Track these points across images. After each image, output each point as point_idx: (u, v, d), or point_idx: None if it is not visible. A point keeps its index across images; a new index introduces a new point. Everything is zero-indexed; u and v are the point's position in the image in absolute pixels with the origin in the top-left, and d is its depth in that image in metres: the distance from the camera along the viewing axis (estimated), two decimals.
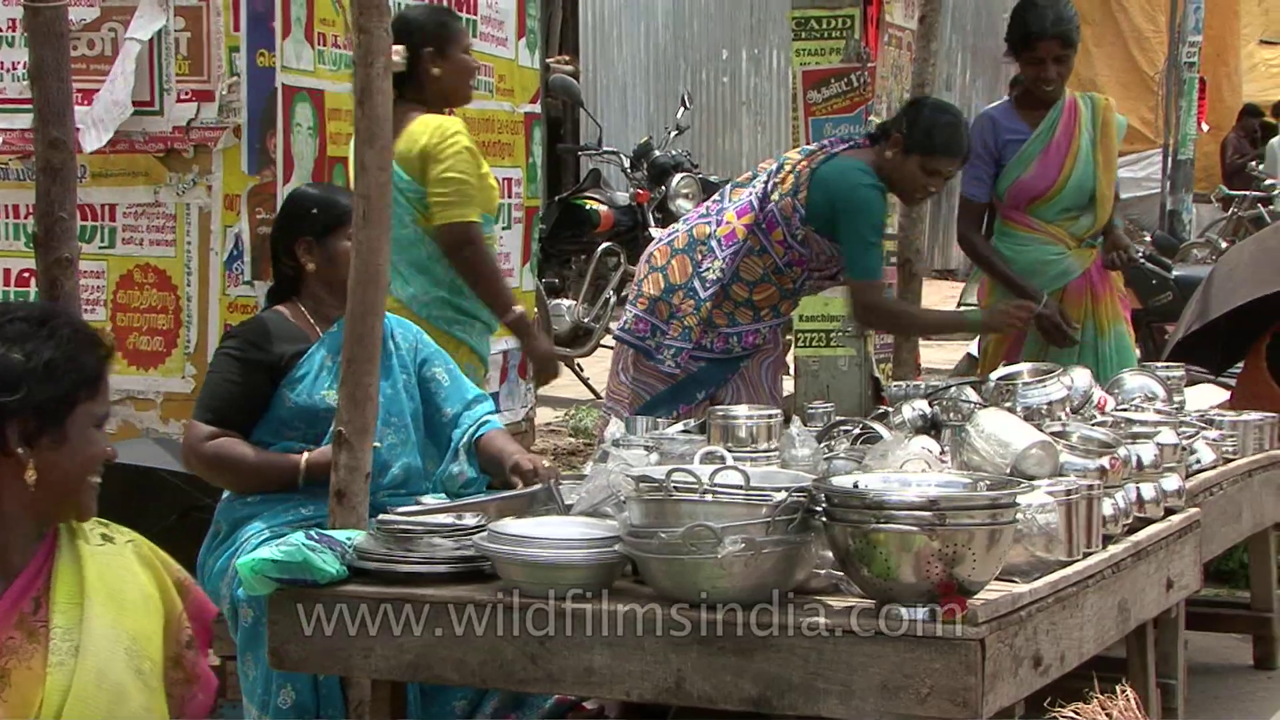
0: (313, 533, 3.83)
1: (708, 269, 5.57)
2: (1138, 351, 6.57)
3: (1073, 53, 6.34)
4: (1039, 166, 6.34)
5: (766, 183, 5.61)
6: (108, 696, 2.78)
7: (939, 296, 15.87)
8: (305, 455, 4.39)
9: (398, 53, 5.51)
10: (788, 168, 5.60)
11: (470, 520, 3.88)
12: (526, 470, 4.44)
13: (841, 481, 3.65)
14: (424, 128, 5.36)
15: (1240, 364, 7.77)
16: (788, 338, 5.97)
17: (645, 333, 5.62)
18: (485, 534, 3.73)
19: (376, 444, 4.37)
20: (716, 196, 5.87)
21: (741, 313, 5.63)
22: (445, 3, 5.78)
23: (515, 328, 5.61)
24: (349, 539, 3.84)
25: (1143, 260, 6.36)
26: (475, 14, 6.63)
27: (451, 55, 5.53)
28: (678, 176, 11.15)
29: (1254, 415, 5.88)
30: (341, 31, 5.56)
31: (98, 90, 5.42)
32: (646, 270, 5.74)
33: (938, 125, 5.58)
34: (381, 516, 3.90)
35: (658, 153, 11.48)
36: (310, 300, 4.66)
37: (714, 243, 5.59)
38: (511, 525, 3.77)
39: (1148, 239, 10.18)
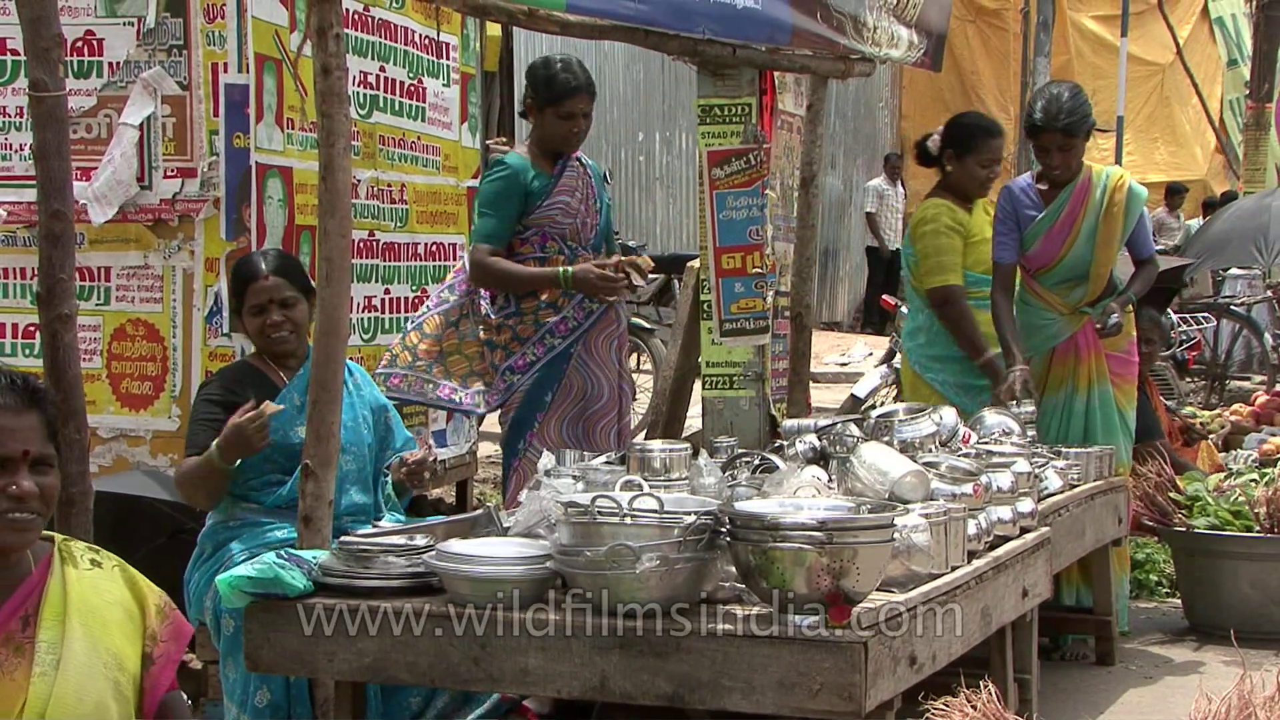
0: (283, 552, 3.80)
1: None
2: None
3: (1078, 142, 6.04)
4: (1043, 243, 6.15)
5: None
6: (90, 709, 2.69)
7: (826, 345, 15.96)
8: (215, 441, 4.34)
9: (935, 143, 6.30)
10: None
11: (420, 541, 3.87)
12: (401, 461, 4.62)
13: (743, 506, 3.66)
14: (921, 210, 6.21)
15: None
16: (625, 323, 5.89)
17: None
18: (433, 553, 3.71)
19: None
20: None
21: (543, 314, 5.58)
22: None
23: (985, 369, 6.15)
24: (314, 558, 3.81)
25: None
26: (424, 101, 6.62)
27: (966, 161, 6.23)
28: (640, 249, 11.15)
29: (1094, 448, 5.94)
30: (307, 117, 5.54)
31: (94, 169, 5.38)
32: None
33: (550, 78, 5.58)
34: (343, 538, 3.88)
35: None
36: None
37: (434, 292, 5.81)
38: (456, 545, 3.75)
39: None
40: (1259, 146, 15.86)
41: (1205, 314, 12.62)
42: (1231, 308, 12.81)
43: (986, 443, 5.26)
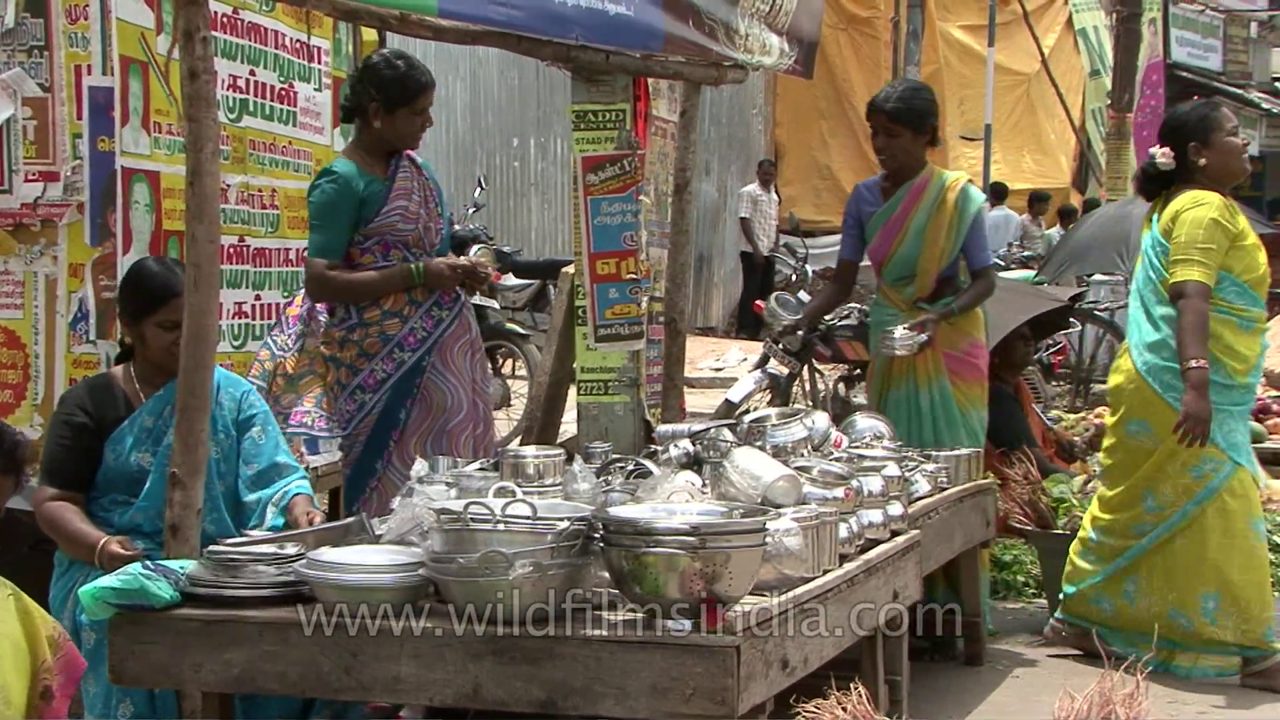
0: (148, 562, 3.74)
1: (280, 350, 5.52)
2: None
3: (904, 132, 6.21)
4: (879, 237, 6.33)
5: None
6: None
7: (701, 350, 16.03)
8: (102, 541, 4.22)
9: (1166, 155, 5.83)
10: None
11: (291, 549, 3.83)
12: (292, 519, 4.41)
13: (616, 511, 3.66)
14: (1182, 200, 5.73)
15: None
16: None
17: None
18: (304, 561, 3.67)
19: None
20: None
21: (388, 325, 5.40)
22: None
23: (1191, 378, 5.54)
24: (182, 568, 3.75)
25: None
26: (295, 106, 6.55)
27: (1214, 143, 5.79)
28: (475, 247, 11.05)
29: (963, 450, 6.02)
30: (175, 120, 5.45)
31: None
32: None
33: (401, 77, 5.41)
34: (211, 547, 3.83)
35: (457, 227, 11.41)
36: (139, 365, 4.57)
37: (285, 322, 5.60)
38: (327, 553, 3.71)
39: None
40: (1120, 155, 16.20)
41: (1070, 319, 12.83)
42: (1095, 313, 13.04)
43: (858, 447, 5.33)
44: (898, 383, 6.31)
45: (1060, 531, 6.50)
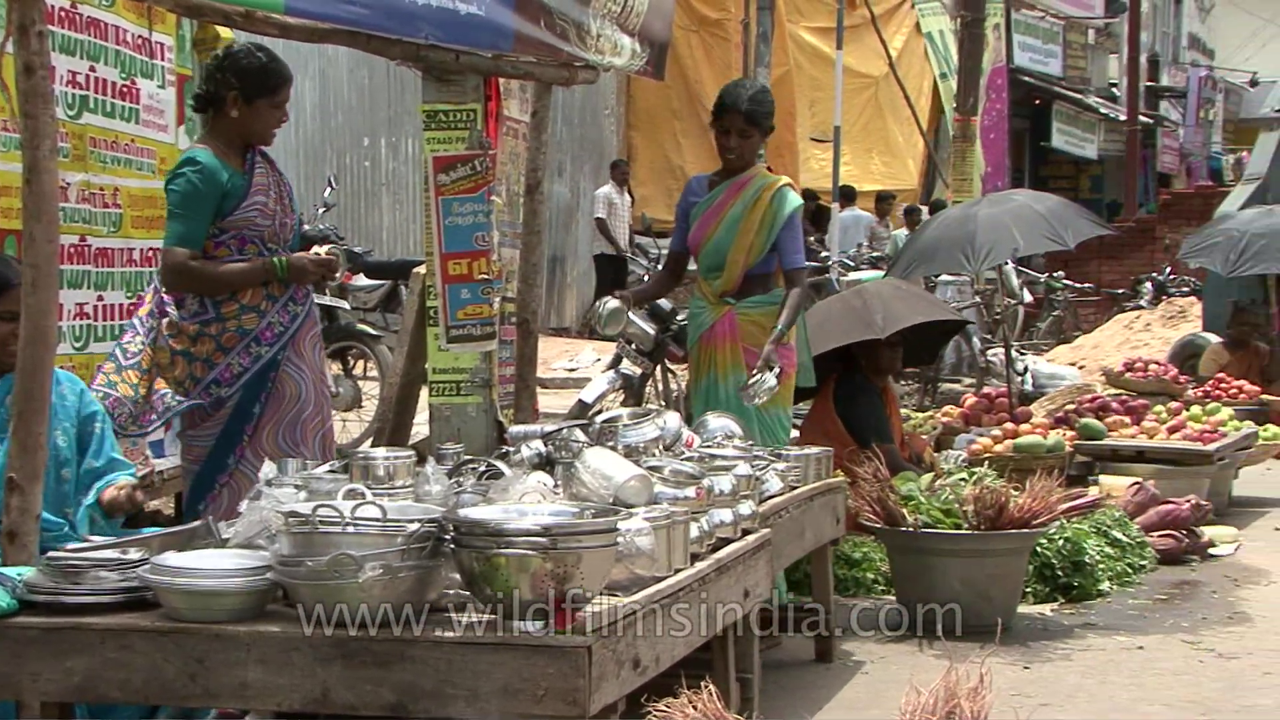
0: None
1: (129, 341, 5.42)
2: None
3: (756, 132, 6.51)
4: (697, 226, 6.60)
5: None
6: None
7: (555, 350, 16.02)
8: None
9: None
10: None
11: (134, 554, 3.75)
12: (108, 500, 4.46)
13: (467, 512, 3.65)
14: None
15: (807, 402, 8.10)
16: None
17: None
18: (148, 566, 3.61)
19: None
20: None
21: (246, 319, 5.36)
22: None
23: None
24: (19, 575, 3.66)
25: None
26: (138, 103, 6.43)
27: None
28: (326, 247, 10.96)
29: (813, 450, 6.09)
30: (10, 117, 5.32)
31: None
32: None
33: (261, 67, 5.39)
34: (50, 553, 3.73)
35: (307, 227, 11.28)
36: None
37: (136, 322, 5.46)
38: (172, 558, 3.65)
39: None
40: (965, 157, 16.49)
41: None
42: None
43: (709, 446, 5.36)
44: (702, 372, 6.58)
45: (908, 529, 6.60)
